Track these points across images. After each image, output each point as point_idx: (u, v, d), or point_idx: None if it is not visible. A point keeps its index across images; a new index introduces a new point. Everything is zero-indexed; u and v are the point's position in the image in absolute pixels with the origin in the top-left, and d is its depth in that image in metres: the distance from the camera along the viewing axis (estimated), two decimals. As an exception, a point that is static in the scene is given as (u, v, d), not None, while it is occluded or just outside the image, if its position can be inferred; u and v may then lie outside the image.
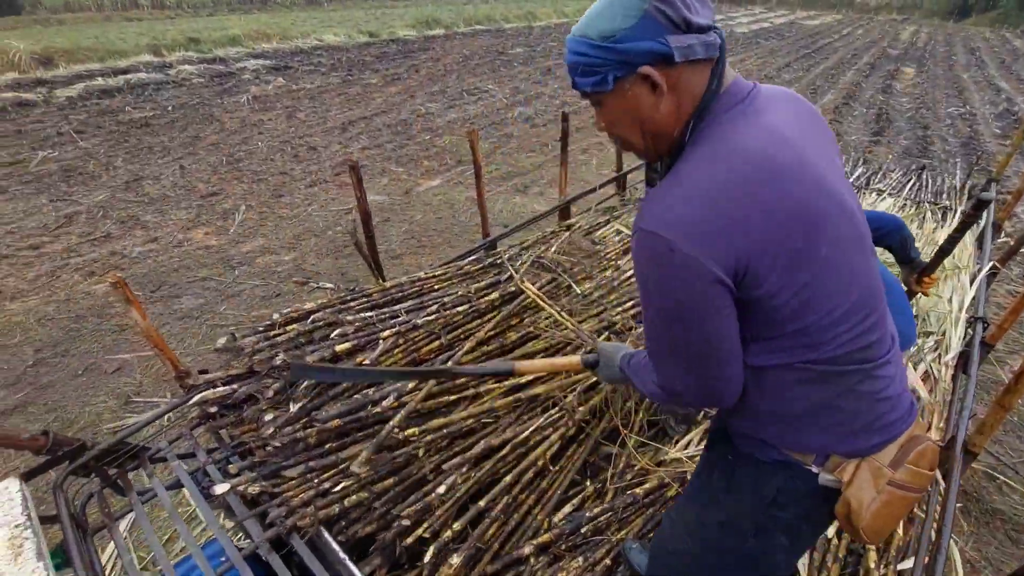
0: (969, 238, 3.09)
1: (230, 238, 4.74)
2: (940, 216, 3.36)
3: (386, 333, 1.83)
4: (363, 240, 2.16)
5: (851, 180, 3.92)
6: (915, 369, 2.11)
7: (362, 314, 1.93)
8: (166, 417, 1.60)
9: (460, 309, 2.03)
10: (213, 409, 1.61)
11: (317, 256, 4.45)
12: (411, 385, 1.69)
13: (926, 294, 1.74)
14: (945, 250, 1.52)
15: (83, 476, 1.40)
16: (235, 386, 1.65)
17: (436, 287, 2.20)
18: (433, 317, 1.95)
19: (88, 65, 10.07)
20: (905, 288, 1.80)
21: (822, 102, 9.60)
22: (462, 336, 1.95)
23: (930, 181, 3.96)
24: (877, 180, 3.97)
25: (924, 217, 3.33)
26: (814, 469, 0.82)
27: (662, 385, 0.83)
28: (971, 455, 1.70)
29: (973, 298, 2.47)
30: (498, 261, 2.44)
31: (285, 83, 10.02)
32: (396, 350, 1.82)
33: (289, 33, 14.07)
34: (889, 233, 1.75)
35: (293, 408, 1.56)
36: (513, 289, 2.20)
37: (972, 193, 3.71)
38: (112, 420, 2.80)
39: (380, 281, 2.22)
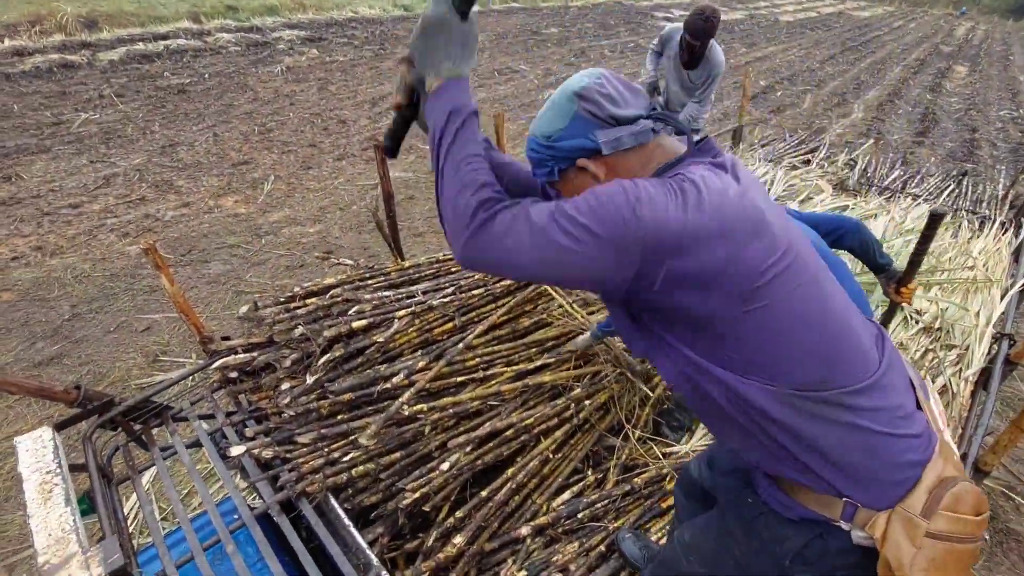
0: (1006, 251, 2.98)
1: (258, 207, 4.85)
2: (977, 226, 3.24)
3: (401, 313, 1.87)
4: (384, 220, 2.19)
5: (887, 183, 3.80)
6: (932, 382, 2.07)
7: (379, 293, 1.98)
8: (189, 379, 1.68)
9: (476, 292, 2.06)
10: (233, 374, 1.68)
11: (341, 230, 4.53)
12: (421, 364, 1.73)
13: (908, 303, 1.70)
14: (915, 261, 1.52)
15: (111, 430, 1.48)
16: (255, 354, 1.71)
17: (453, 269, 2.23)
18: (449, 299, 1.99)
19: (130, 30, 10.26)
20: (886, 299, 1.75)
21: (865, 97, 9.24)
22: (475, 319, 1.98)
23: (970, 188, 3.81)
24: (914, 184, 3.83)
25: (960, 226, 3.22)
26: (844, 526, 0.77)
27: (482, 214, 0.71)
28: (982, 473, 1.67)
29: (1002, 313, 2.40)
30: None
31: (319, 55, 10.07)
32: (411, 329, 1.86)
33: (325, 4, 14.07)
34: (845, 235, 1.68)
35: (309, 379, 1.62)
36: (529, 276, 2.21)
37: (1014, 203, 3.57)
38: (140, 376, 2.93)
39: (399, 260, 2.27)
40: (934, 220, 1.41)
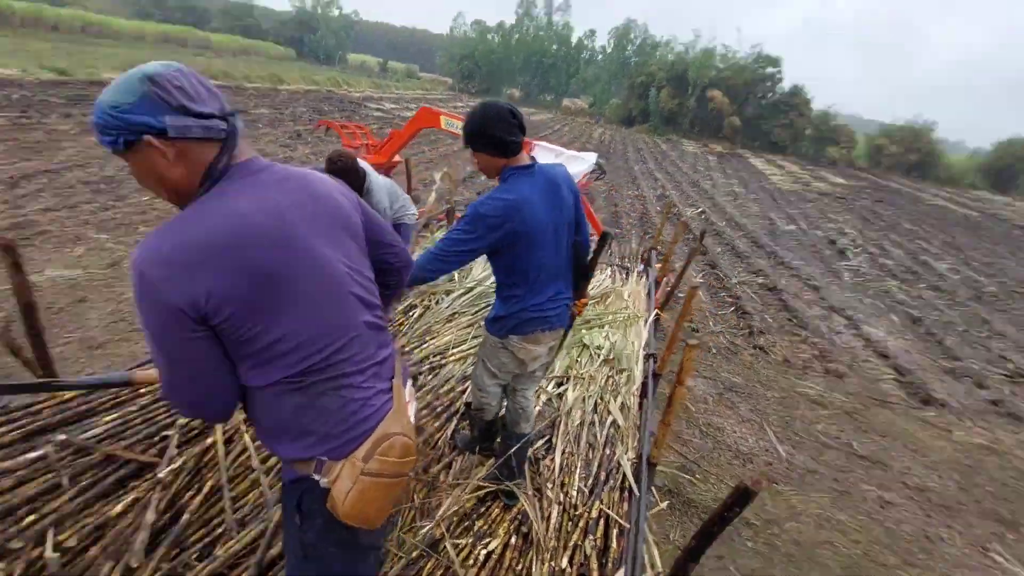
0: (643, 291, 4.06)
1: None
2: (624, 275, 4.34)
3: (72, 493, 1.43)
4: (23, 338, 1.68)
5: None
6: (615, 400, 2.61)
7: (22, 449, 1.47)
8: None
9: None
10: None
11: (-41, 356, 3.25)
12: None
13: (579, 313, 2.07)
14: (584, 275, 2.02)
15: None
16: None
17: (142, 391, 1.83)
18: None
19: None
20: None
21: (544, 181, 11.56)
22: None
23: (616, 247, 5.11)
24: (582, 248, 4.93)
25: (613, 276, 4.26)
26: (315, 476, 0.95)
27: (167, 393, 0.93)
28: (653, 466, 2.16)
29: (647, 339, 3.23)
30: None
31: (-91, 121, 7.37)
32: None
33: (-77, 57, 10.55)
34: (580, 247, 1.95)
35: None
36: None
37: (643, 257, 4.92)
38: None
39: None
40: (603, 239, 2.03)
